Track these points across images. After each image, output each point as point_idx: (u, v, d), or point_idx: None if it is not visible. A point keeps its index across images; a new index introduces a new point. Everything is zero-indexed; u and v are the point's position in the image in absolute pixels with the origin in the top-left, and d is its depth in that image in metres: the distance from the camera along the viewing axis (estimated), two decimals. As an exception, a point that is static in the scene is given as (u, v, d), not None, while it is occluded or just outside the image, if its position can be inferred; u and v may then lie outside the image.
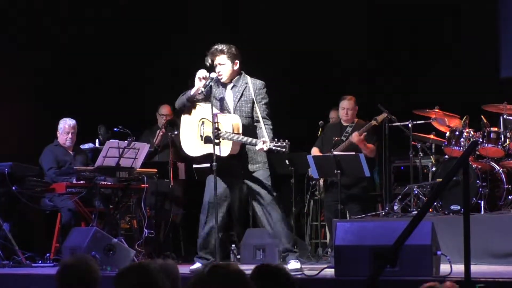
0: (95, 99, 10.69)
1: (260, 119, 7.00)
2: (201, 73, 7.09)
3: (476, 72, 10.30)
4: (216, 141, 6.94)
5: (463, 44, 10.52)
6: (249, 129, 7.05)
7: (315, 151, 9.45)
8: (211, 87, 7.09)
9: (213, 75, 7.12)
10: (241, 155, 7.10)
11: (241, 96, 7.11)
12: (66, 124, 9.32)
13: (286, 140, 6.81)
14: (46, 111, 10.16)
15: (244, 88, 7.13)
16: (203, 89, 7.10)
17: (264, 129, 6.92)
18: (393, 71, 10.83)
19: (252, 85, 7.11)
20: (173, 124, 9.69)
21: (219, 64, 7.13)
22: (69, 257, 4.25)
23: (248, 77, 7.18)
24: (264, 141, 6.76)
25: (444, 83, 10.42)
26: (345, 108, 9.41)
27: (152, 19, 11.36)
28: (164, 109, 10.29)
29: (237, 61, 7.16)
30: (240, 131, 6.99)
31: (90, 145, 9.83)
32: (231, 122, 6.99)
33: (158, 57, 11.20)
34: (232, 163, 7.09)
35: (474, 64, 10.37)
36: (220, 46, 7.14)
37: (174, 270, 4.08)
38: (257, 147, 6.84)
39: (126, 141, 8.68)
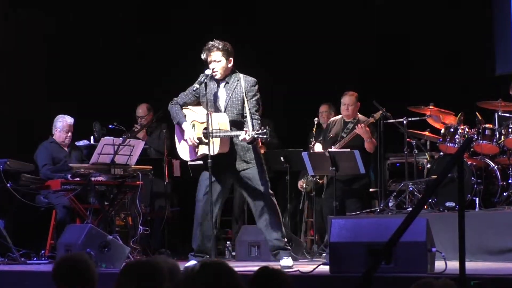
0: (90, 96, 10.68)
1: (248, 114, 7.04)
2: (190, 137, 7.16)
3: (471, 69, 10.30)
4: (206, 140, 6.99)
5: (458, 40, 10.52)
6: (239, 125, 7.09)
7: (319, 147, 9.36)
8: (206, 84, 7.13)
9: (207, 72, 7.16)
10: (231, 153, 7.13)
11: (232, 93, 7.15)
12: (65, 122, 9.29)
13: (267, 127, 6.88)
14: (42, 107, 10.14)
15: (236, 85, 7.17)
16: (198, 86, 7.16)
17: (249, 122, 6.97)
18: (388, 68, 10.82)
19: (244, 82, 7.16)
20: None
21: (214, 61, 7.15)
22: (66, 254, 4.24)
23: (241, 74, 7.22)
24: (246, 131, 6.82)
25: (438, 80, 10.42)
26: (346, 104, 9.37)
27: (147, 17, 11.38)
28: (140, 110, 10.27)
29: (231, 58, 7.20)
30: (228, 128, 7.04)
31: (85, 142, 9.82)
32: (217, 121, 7.05)
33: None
34: (224, 161, 7.11)
35: (469, 61, 10.38)
36: (216, 43, 7.17)
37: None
38: (240, 138, 6.91)
39: (121, 138, 8.67)
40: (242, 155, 7.15)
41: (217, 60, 7.15)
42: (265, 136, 6.85)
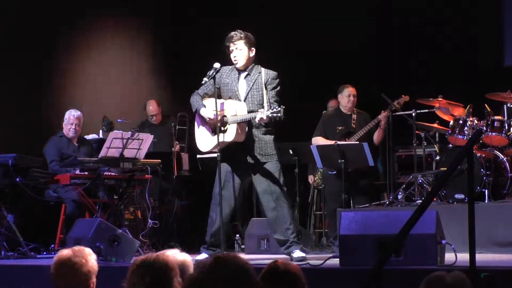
0: (100, 91, 10.70)
1: (265, 103, 7.04)
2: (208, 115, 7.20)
3: (480, 60, 10.28)
4: (224, 128, 7.02)
5: (467, 32, 10.49)
6: None
7: (319, 139, 9.33)
8: (214, 77, 7.17)
9: (216, 65, 7.20)
10: (249, 145, 7.14)
11: (253, 85, 7.18)
12: (70, 115, 9.34)
13: (281, 105, 6.88)
14: (52, 102, 10.16)
15: (257, 77, 7.21)
16: (206, 79, 7.19)
17: (266, 105, 6.98)
18: (397, 60, 10.80)
19: (265, 74, 7.21)
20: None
21: (236, 49, 7.20)
22: (65, 250, 4.23)
23: (262, 67, 7.24)
24: (261, 112, 6.86)
25: (447, 72, 10.40)
26: (351, 95, 9.35)
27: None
28: (151, 107, 10.28)
29: (253, 48, 7.26)
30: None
31: (94, 136, 9.83)
32: (235, 108, 7.10)
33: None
34: (240, 153, 7.13)
35: (478, 52, 10.35)
36: (238, 32, 7.24)
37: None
38: (257, 118, 6.93)
39: (129, 132, 8.68)
40: (260, 147, 7.16)
41: (239, 48, 7.20)
42: (279, 115, 6.84)
